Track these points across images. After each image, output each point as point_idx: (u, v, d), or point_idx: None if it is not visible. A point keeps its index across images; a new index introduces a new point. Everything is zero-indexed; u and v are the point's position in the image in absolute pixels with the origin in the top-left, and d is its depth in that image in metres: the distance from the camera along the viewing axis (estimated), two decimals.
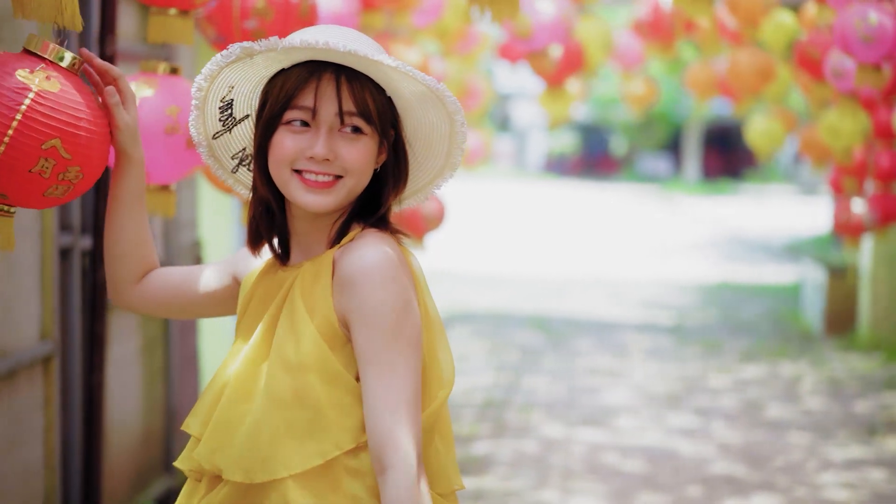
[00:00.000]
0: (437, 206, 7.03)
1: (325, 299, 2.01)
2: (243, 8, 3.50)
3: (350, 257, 2.01)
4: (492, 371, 9.50)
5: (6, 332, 4.00)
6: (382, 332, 1.97)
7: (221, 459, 2.02)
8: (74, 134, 2.08)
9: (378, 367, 1.97)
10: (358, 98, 2.00)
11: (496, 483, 6.35)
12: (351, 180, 2.03)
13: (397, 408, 1.95)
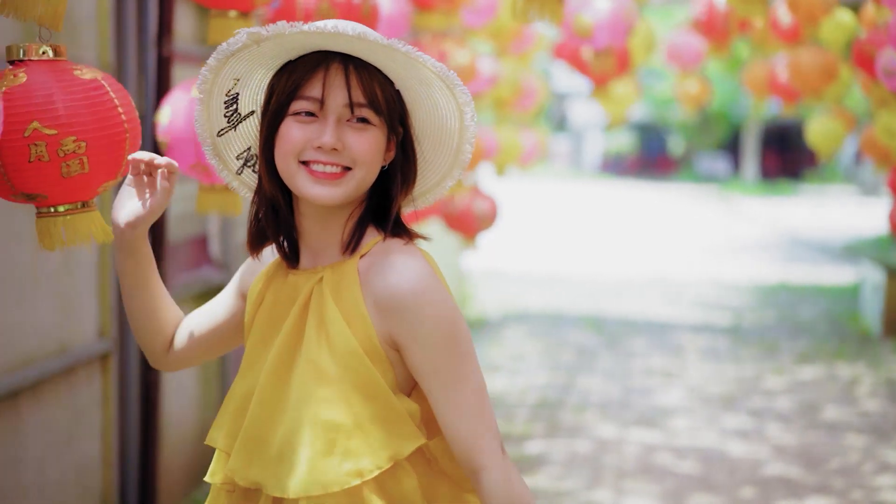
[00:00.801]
0: (490, 206, 7.04)
1: (362, 316, 1.96)
2: (306, 9, 3.52)
3: (388, 280, 1.96)
4: (546, 371, 9.49)
5: (66, 329, 4.07)
6: (442, 348, 1.96)
7: (259, 475, 1.98)
8: (50, 110, 2.13)
9: (444, 380, 1.96)
10: (367, 88, 1.95)
11: (549, 482, 6.35)
12: (360, 172, 1.97)
13: (472, 412, 1.97)
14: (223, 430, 2.06)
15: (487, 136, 8.48)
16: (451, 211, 7.03)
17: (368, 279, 1.98)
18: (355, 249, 2.01)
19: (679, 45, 8.82)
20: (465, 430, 1.96)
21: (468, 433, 1.96)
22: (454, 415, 1.96)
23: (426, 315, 1.95)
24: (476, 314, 12.36)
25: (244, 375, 2.07)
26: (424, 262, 2.00)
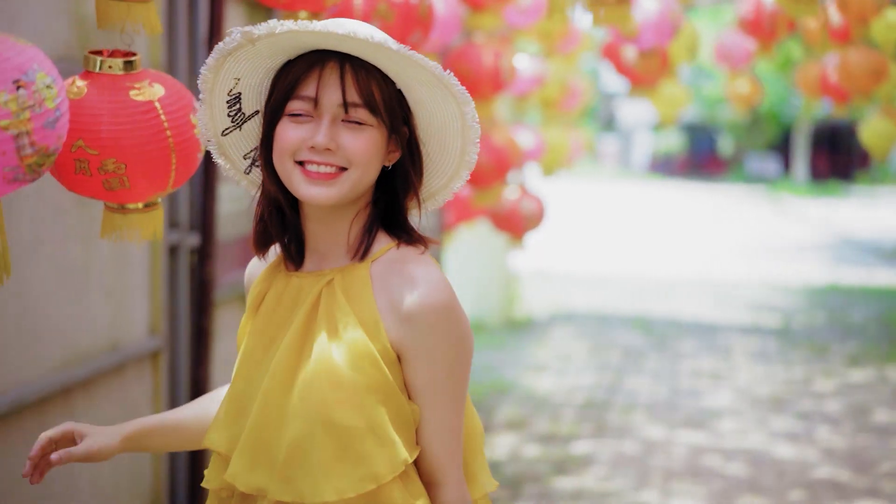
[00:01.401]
0: (537, 206, 7.05)
1: (375, 321, 1.94)
2: (365, 10, 3.55)
3: (414, 291, 1.93)
4: (593, 371, 9.48)
5: (117, 326, 4.12)
6: (448, 367, 1.95)
7: (263, 480, 1.94)
8: (94, 131, 2.20)
9: (440, 398, 1.96)
10: (362, 87, 1.92)
11: (595, 483, 6.35)
12: (355, 172, 1.94)
13: (453, 433, 1.99)
14: (223, 433, 2.01)
15: (534, 136, 8.48)
16: (498, 211, 7.04)
17: (384, 285, 1.95)
18: (366, 254, 1.99)
19: (727, 44, 8.77)
20: (442, 447, 1.97)
21: (443, 451, 1.97)
22: (437, 431, 1.97)
23: (446, 333, 1.94)
24: (523, 314, 12.37)
25: (243, 377, 2.02)
26: (442, 273, 1.98)
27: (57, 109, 1.64)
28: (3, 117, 1.57)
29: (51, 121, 1.63)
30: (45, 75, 1.64)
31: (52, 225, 3.73)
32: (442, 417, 1.96)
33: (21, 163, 1.62)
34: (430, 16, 3.67)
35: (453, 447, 1.98)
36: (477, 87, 5.49)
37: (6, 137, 1.58)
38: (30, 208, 3.59)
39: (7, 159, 1.60)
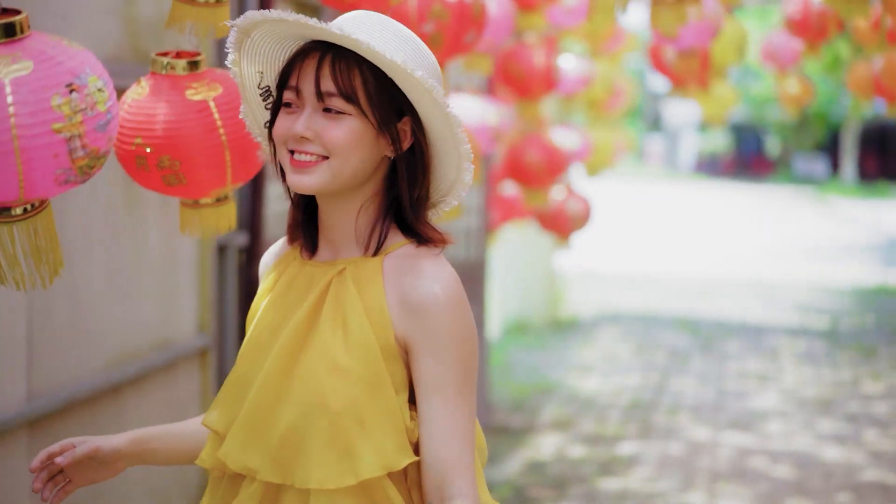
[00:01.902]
0: (584, 206, 7.04)
1: (382, 313, 1.93)
2: (420, 11, 3.57)
3: (421, 282, 1.93)
4: (639, 372, 9.46)
5: (167, 324, 4.16)
6: (452, 362, 1.92)
7: (254, 460, 1.94)
8: (151, 129, 2.26)
9: (445, 396, 1.92)
10: (340, 77, 1.91)
11: (641, 484, 6.34)
12: (336, 161, 1.92)
13: (462, 437, 1.92)
14: (221, 413, 2.02)
15: (580, 136, 8.48)
16: (544, 211, 7.05)
17: (395, 279, 1.95)
18: (379, 248, 1.99)
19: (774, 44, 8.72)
20: (451, 453, 1.91)
21: (453, 457, 1.91)
22: (445, 435, 1.91)
23: (446, 327, 1.92)
24: (568, 315, 12.35)
25: (247, 360, 2.02)
26: (456, 275, 1.97)
27: (108, 112, 1.67)
28: (57, 120, 1.60)
29: (102, 124, 1.66)
30: (97, 79, 1.67)
31: (103, 225, 3.78)
32: (449, 420, 1.91)
33: (73, 165, 1.65)
34: (483, 16, 3.69)
35: (462, 453, 1.91)
36: (528, 87, 5.50)
37: (59, 140, 1.61)
38: (81, 208, 3.64)
39: (59, 161, 1.63)
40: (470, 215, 7.46)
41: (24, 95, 1.58)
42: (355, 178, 1.96)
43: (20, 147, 1.59)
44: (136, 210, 3.96)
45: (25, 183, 1.62)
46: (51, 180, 1.64)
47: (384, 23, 1.96)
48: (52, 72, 1.62)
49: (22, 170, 1.61)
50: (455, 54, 3.75)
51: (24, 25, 1.64)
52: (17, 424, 3.39)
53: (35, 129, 1.59)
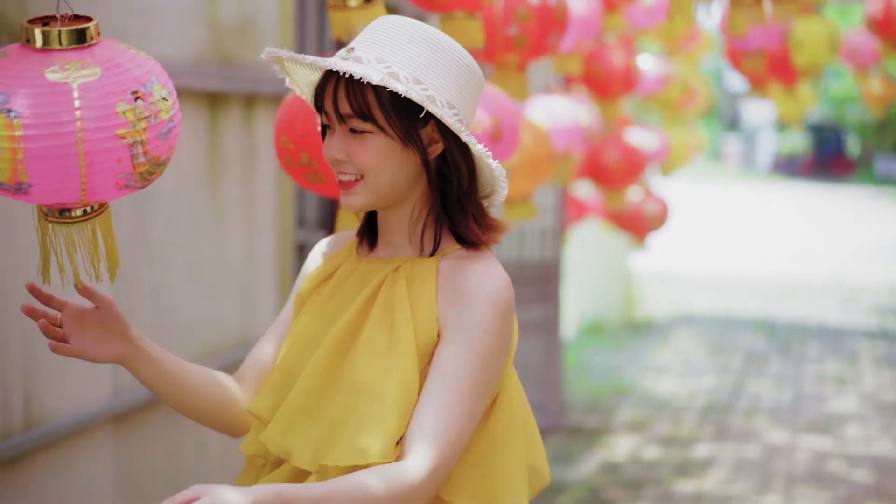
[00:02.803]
0: (661, 207, 7.02)
1: (431, 311, 1.95)
2: (505, 14, 3.60)
3: (470, 277, 1.95)
4: (714, 374, 9.39)
5: (246, 322, 4.22)
6: (473, 355, 1.91)
7: (294, 445, 1.95)
8: (292, 129, 2.48)
9: (453, 381, 1.89)
10: (356, 97, 1.92)
11: (717, 486, 6.30)
12: (370, 180, 1.96)
13: (451, 419, 1.88)
14: (266, 400, 2.03)
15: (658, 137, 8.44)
16: (621, 212, 7.03)
17: (449, 277, 1.97)
18: (435, 251, 2.01)
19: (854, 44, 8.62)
20: (431, 426, 1.87)
21: (431, 430, 1.86)
22: (433, 408, 1.88)
23: (485, 323, 1.92)
24: (643, 316, 12.30)
25: (297, 350, 2.04)
26: (508, 281, 1.98)
27: (171, 121, 1.71)
28: (121, 126, 1.64)
29: (164, 132, 1.70)
30: (162, 87, 1.71)
31: (186, 224, 3.85)
32: (445, 399, 1.88)
33: (134, 170, 1.69)
34: (565, 18, 3.70)
35: (440, 433, 1.86)
36: (608, 87, 5.50)
37: (123, 146, 1.65)
38: (165, 208, 3.71)
39: (121, 166, 1.67)
40: (545, 215, 7.46)
41: (90, 100, 1.62)
42: (396, 190, 1.98)
43: (84, 150, 1.63)
44: (218, 210, 4.02)
45: (87, 186, 1.66)
46: (112, 184, 1.68)
47: (402, 31, 1.95)
48: (119, 79, 1.66)
49: (84, 172, 1.65)
50: (537, 56, 3.77)
51: (94, 33, 1.69)
52: (103, 420, 3.47)
53: (99, 133, 1.63)
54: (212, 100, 3.96)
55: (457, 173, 1.99)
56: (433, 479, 1.85)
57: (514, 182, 3.92)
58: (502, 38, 3.61)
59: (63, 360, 3.27)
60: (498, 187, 2.02)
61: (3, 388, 3.03)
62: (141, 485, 3.70)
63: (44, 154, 1.62)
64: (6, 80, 1.62)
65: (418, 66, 1.93)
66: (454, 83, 1.96)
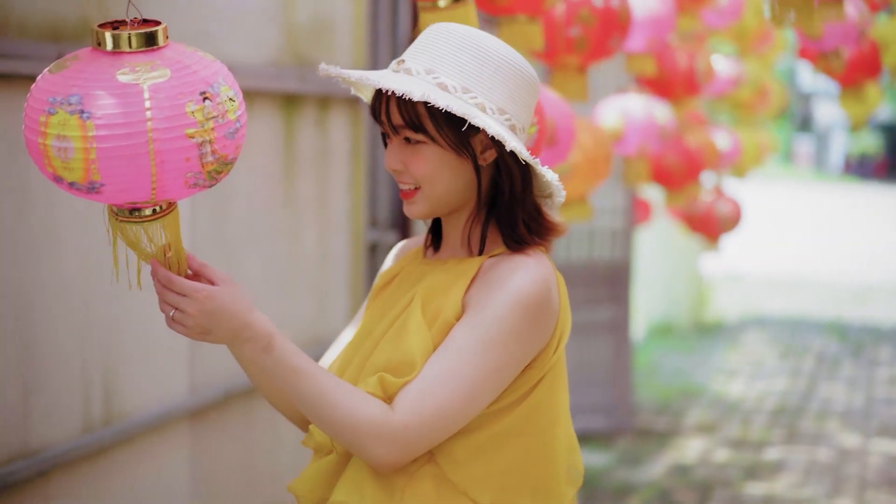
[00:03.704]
0: (733, 208, 6.98)
1: (454, 301, 1.96)
2: (568, 15, 3.60)
3: (505, 266, 1.96)
4: (785, 377, 9.31)
5: (320, 320, 4.27)
6: (479, 338, 1.90)
7: None
8: None
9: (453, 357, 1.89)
10: (406, 110, 1.94)
11: (787, 490, 6.26)
12: (426, 189, 1.98)
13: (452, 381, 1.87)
14: None
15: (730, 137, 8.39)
16: (692, 213, 7.00)
17: (484, 273, 1.98)
18: (482, 251, 2.03)
19: None
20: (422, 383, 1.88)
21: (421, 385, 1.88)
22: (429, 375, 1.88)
23: (502, 304, 1.91)
24: (714, 318, 12.22)
25: (352, 345, 2.09)
26: (547, 276, 1.98)
27: (237, 121, 1.75)
28: (190, 126, 1.68)
29: (231, 131, 1.73)
30: (229, 88, 1.74)
31: (262, 224, 3.90)
32: (447, 366, 1.88)
33: (202, 169, 1.72)
34: (628, 20, 3.71)
35: (433, 391, 1.87)
36: (670, 88, 5.48)
37: (192, 145, 1.68)
38: (242, 209, 3.76)
39: (191, 165, 1.70)
40: (615, 216, 7.45)
41: (160, 101, 1.66)
42: (454, 197, 2.00)
43: (155, 150, 1.66)
44: (292, 210, 4.07)
45: (158, 184, 1.70)
46: (181, 183, 1.71)
47: (452, 39, 1.97)
48: (187, 80, 1.69)
49: (155, 171, 1.68)
50: (598, 58, 3.77)
51: (162, 36, 1.73)
52: (180, 416, 3.53)
53: (169, 132, 1.66)
54: (287, 101, 4.01)
55: (509, 178, 1.99)
56: (409, 428, 1.86)
57: (571, 183, 3.92)
58: (563, 40, 3.61)
59: (143, 357, 3.33)
60: (553, 191, 2.03)
61: (85, 384, 3.10)
62: (216, 480, 3.76)
63: (116, 154, 1.66)
64: (79, 82, 1.67)
65: (468, 75, 1.94)
66: (505, 88, 1.97)
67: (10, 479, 2.80)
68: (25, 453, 2.87)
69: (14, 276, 2.82)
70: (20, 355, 2.85)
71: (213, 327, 1.84)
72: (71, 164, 1.66)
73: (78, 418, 3.07)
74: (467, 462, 1.95)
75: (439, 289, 2.00)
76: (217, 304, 1.83)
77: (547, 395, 2.01)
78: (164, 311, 1.83)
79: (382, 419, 1.86)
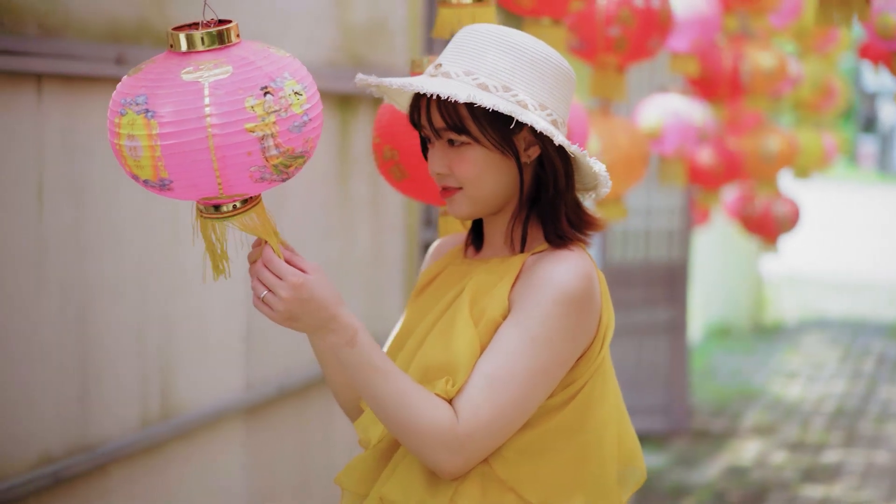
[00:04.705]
0: (791, 209, 6.92)
1: (503, 293, 1.96)
2: (607, 16, 3.61)
3: (548, 262, 1.96)
4: (845, 379, 9.22)
5: (373, 319, 4.30)
6: (527, 337, 1.91)
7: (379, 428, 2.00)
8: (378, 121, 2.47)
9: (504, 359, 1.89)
10: (448, 113, 1.95)
11: (845, 492, 6.21)
12: (471, 190, 1.99)
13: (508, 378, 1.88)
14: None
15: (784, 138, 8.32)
16: (749, 214, 6.96)
17: (528, 270, 1.98)
18: (524, 248, 2.03)
19: None
20: (479, 389, 1.88)
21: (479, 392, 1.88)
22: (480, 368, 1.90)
23: (544, 305, 1.91)
24: (773, 319, 12.12)
25: (394, 345, 2.10)
26: (590, 270, 1.97)
27: (305, 115, 1.74)
28: (250, 120, 1.69)
29: (297, 125, 1.73)
30: (296, 83, 1.74)
31: (316, 222, 3.94)
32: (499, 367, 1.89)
33: (267, 163, 1.73)
34: (669, 21, 3.70)
35: (491, 397, 1.88)
36: (714, 88, 5.46)
37: (252, 139, 1.70)
38: (298, 207, 3.80)
39: (253, 159, 1.71)
40: (672, 216, 7.42)
41: (219, 97, 1.68)
42: (498, 197, 2.01)
43: (215, 145, 1.69)
44: (347, 209, 4.11)
45: (223, 179, 1.72)
46: (246, 177, 1.73)
47: (487, 39, 1.97)
48: (249, 75, 1.71)
49: (217, 167, 1.70)
50: (638, 59, 3.77)
51: (233, 34, 1.75)
52: (235, 412, 3.57)
53: (228, 128, 1.68)
54: (342, 101, 4.05)
55: (553, 174, 2.00)
56: (472, 437, 1.87)
57: None
58: (603, 39, 3.62)
59: (199, 354, 3.39)
60: (599, 183, 2.04)
61: (142, 379, 3.15)
62: (270, 476, 3.80)
63: (178, 150, 1.69)
64: (147, 82, 1.71)
65: (506, 73, 1.94)
66: (544, 84, 1.97)
67: (69, 473, 2.86)
68: (84, 447, 2.93)
69: (74, 275, 2.88)
70: (80, 351, 2.90)
71: (302, 315, 1.83)
72: (141, 162, 1.71)
73: (135, 413, 3.13)
74: (517, 461, 1.96)
75: (484, 288, 2.00)
76: (309, 293, 1.83)
77: (595, 395, 2.01)
78: (256, 290, 1.83)
79: (450, 428, 1.87)
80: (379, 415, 1.90)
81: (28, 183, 2.73)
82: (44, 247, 2.78)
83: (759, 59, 5.57)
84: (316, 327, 1.86)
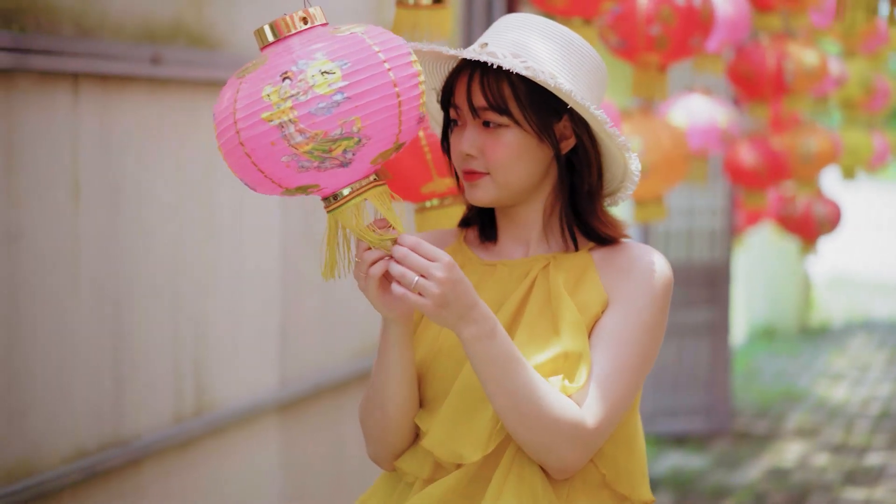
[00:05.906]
0: (832, 210, 6.87)
1: (597, 288, 1.93)
2: (648, 14, 3.60)
3: (632, 251, 1.95)
4: (891, 382, 9.14)
5: None
6: (637, 323, 1.89)
7: (464, 447, 1.89)
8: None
9: (618, 347, 1.88)
10: (490, 91, 1.89)
11: (888, 495, 6.15)
12: (500, 176, 1.91)
13: (622, 379, 1.86)
14: (426, 413, 1.96)
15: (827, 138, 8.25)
16: (790, 214, 6.91)
17: (609, 265, 1.95)
18: (577, 244, 1.97)
19: None
20: (598, 384, 1.85)
21: (600, 390, 1.85)
22: (603, 370, 1.86)
23: (651, 291, 1.91)
24: (819, 321, 12.02)
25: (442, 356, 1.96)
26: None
27: (338, 93, 1.64)
28: (265, 110, 1.64)
29: (322, 106, 1.63)
30: (329, 62, 1.65)
31: None
32: (615, 357, 1.87)
33: (296, 150, 1.66)
34: (711, 19, 3.69)
35: (609, 389, 1.85)
36: (757, 87, 5.44)
37: (271, 129, 1.64)
38: None
39: (279, 149, 1.66)
40: (714, 217, 7.39)
41: (243, 91, 1.66)
42: (525, 186, 1.95)
43: (242, 140, 1.67)
44: None
45: (267, 173, 1.69)
46: (283, 167, 1.67)
47: (534, 27, 1.93)
48: (276, 62, 1.67)
49: (254, 162, 1.68)
50: (679, 58, 3.76)
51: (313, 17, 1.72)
52: (270, 408, 3.60)
53: (248, 120, 1.65)
54: None
55: (588, 168, 1.96)
56: (598, 432, 1.85)
57: (647, 182, 3.90)
58: (644, 38, 3.61)
59: (233, 350, 3.42)
60: (626, 183, 1.99)
61: (177, 375, 3.18)
62: (304, 473, 3.83)
63: (226, 150, 1.71)
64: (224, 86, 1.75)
65: (553, 62, 1.90)
66: (587, 78, 1.94)
67: (103, 467, 2.90)
68: (118, 442, 2.97)
69: (109, 272, 2.92)
70: (114, 346, 2.94)
71: (453, 300, 1.73)
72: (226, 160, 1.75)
73: (169, 409, 3.16)
74: (613, 454, 1.96)
75: (556, 286, 1.93)
76: (459, 273, 1.74)
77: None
78: (405, 279, 1.73)
79: (580, 423, 1.83)
80: (507, 407, 1.81)
81: (64, 182, 2.77)
82: (79, 245, 2.82)
83: (803, 56, 5.54)
84: (460, 315, 1.76)
